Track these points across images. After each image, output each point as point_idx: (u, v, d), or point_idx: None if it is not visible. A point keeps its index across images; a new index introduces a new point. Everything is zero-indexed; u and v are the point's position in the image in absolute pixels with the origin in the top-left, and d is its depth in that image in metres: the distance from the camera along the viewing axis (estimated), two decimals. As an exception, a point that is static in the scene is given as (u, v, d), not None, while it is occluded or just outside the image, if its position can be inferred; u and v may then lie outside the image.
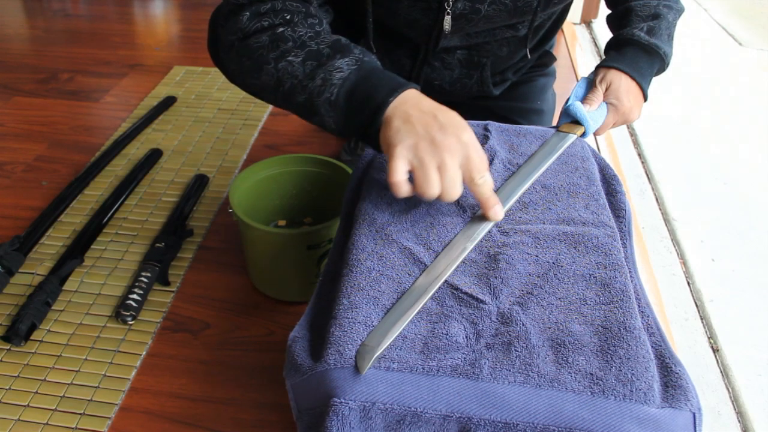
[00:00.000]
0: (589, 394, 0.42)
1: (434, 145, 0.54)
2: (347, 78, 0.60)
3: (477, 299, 0.49)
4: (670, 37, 0.83)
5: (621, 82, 0.78)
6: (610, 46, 0.84)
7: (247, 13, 0.65)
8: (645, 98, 0.81)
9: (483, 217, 0.57)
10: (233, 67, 0.69)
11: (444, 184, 0.54)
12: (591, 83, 0.81)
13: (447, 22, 0.76)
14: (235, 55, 0.67)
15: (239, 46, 0.66)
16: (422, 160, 0.54)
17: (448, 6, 0.74)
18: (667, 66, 0.83)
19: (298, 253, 0.79)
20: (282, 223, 0.93)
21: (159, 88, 1.44)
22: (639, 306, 0.51)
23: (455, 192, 0.54)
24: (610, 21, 0.88)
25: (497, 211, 0.56)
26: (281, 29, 0.64)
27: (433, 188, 0.53)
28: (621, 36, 0.82)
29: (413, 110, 0.57)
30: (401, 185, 0.54)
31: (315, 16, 0.67)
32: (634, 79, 0.79)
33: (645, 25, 0.80)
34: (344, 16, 0.79)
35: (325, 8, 0.73)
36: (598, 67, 0.82)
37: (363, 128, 0.60)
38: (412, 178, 0.55)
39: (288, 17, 0.65)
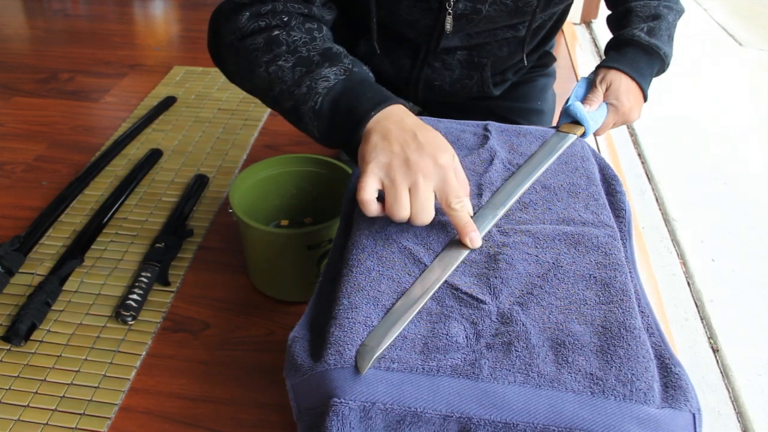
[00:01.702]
0: (589, 394, 0.42)
1: (407, 166, 0.52)
2: (332, 88, 0.60)
3: (477, 299, 0.49)
4: (671, 37, 0.83)
5: (621, 83, 0.78)
6: (610, 46, 0.84)
7: (247, 13, 0.65)
8: (645, 98, 0.81)
9: (486, 213, 0.57)
10: (231, 67, 0.70)
11: (414, 206, 0.52)
12: (591, 83, 0.81)
13: (448, 22, 0.76)
14: (233, 54, 0.67)
15: (237, 46, 0.66)
16: (394, 180, 0.52)
17: (449, 6, 0.74)
18: (667, 66, 0.83)
19: (298, 253, 0.79)
20: (284, 222, 0.93)
21: (159, 88, 1.44)
22: (639, 306, 0.51)
23: (426, 216, 0.52)
24: (610, 22, 0.88)
25: (474, 238, 0.53)
26: (277, 32, 0.64)
27: (402, 210, 0.51)
28: (621, 36, 0.82)
29: (394, 127, 0.55)
30: (369, 204, 0.52)
31: (315, 20, 0.67)
32: (634, 79, 0.79)
33: (645, 25, 0.80)
34: (346, 16, 0.79)
35: (329, 6, 0.73)
36: (598, 68, 0.82)
37: (344, 140, 0.59)
38: (381, 197, 0.53)
39: (286, 20, 0.65)
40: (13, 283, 0.88)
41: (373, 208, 0.52)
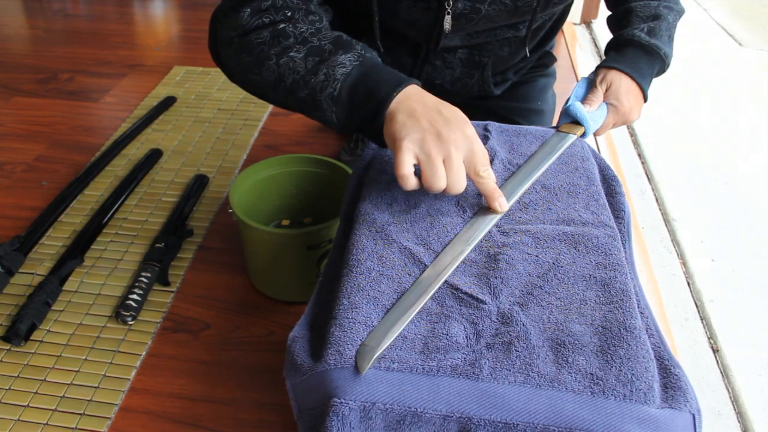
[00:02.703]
0: (589, 394, 0.42)
1: (440, 139, 0.55)
2: (350, 73, 0.61)
3: (477, 299, 0.49)
4: (671, 38, 0.83)
5: (621, 83, 0.78)
6: (610, 46, 0.84)
7: (248, 10, 0.66)
8: (645, 99, 0.81)
9: (485, 213, 0.58)
10: (232, 64, 0.70)
11: (450, 177, 0.54)
12: (591, 83, 0.81)
13: (447, 21, 0.76)
14: (235, 51, 0.68)
15: (239, 43, 0.66)
16: (429, 154, 0.54)
17: (448, 6, 0.74)
18: (668, 67, 0.83)
19: (298, 253, 0.79)
20: (285, 222, 0.93)
21: (159, 88, 1.44)
22: (638, 307, 0.51)
23: (461, 185, 0.55)
24: (611, 22, 0.88)
25: (502, 203, 0.57)
26: (282, 25, 0.65)
27: (440, 181, 0.54)
28: (621, 36, 0.82)
29: (417, 105, 0.57)
30: (409, 178, 0.55)
31: (315, 14, 0.67)
32: (634, 79, 0.78)
33: (645, 25, 0.80)
34: (345, 16, 0.79)
35: (325, 8, 0.73)
36: (598, 68, 0.81)
37: (365, 123, 0.61)
38: (417, 172, 0.55)
39: (289, 14, 0.66)
40: (13, 283, 0.88)
41: (412, 182, 0.55)
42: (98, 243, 0.96)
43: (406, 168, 0.54)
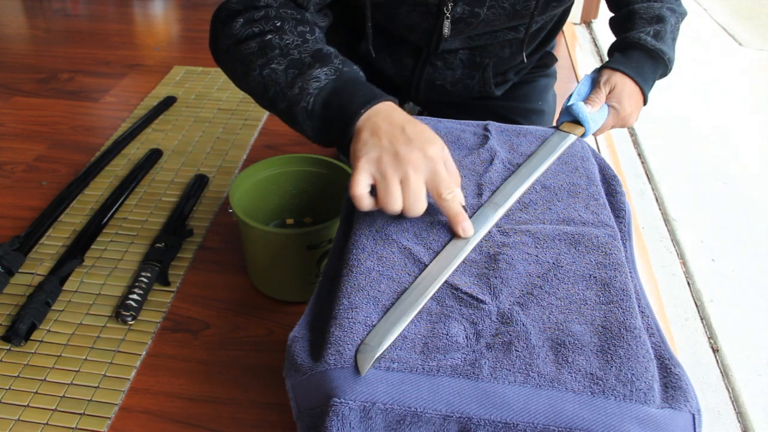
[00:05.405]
0: (589, 394, 0.42)
1: (397, 159, 0.53)
2: (324, 87, 0.60)
3: (477, 299, 0.49)
4: (674, 41, 0.83)
5: (625, 87, 0.78)
6: (614, 47, 0.84)
7: (241, 20, 0.66)
8: (645, 103, 0.81)
9: (485, 212, 0.57)
10: (228, 71, 0.71)
11: (406, 199, 0.53)
12: (594, 83, 0.80)
13: (446, 26, 0.76)
14: (230, 59, 0.68)
15: (233, 51, 0.67)
16: (385, 174, 0.53)
17: (447, 10, 0.74)
18: (670, 71, 0.82)
19: (298, 253, 0.79)
20: (290, 221, 0.93)
21: (159, 88, 1.44)
22: (639, 307, 0.51)
23: (418, 207, 0.53)
24: (613, 24, 0.88)
25: (466, 227, 0.55)
26: (269, 36, 0.65)
27: (394, 203, 0.53)
28: (627, 39, 0.81)
29: (383, 123, 0.56)
30: (362, 198, 0.53)
31: (307, 24, 0.67)
32: (637, 84, 0.78)
33: (651, 29, 0.80)
34: (346, 20, 0.79)
35: (324, 12, 0.73)
36: (602, 68, 0.81)
37: (337, 138, 0.60)
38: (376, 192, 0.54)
39: (278, 24, 0.65)
40: (13, 283, 0.88)
41: (366, 202, 0.54)
42: (98, 243, 0.96)
43: (360, 188, 0.53)
